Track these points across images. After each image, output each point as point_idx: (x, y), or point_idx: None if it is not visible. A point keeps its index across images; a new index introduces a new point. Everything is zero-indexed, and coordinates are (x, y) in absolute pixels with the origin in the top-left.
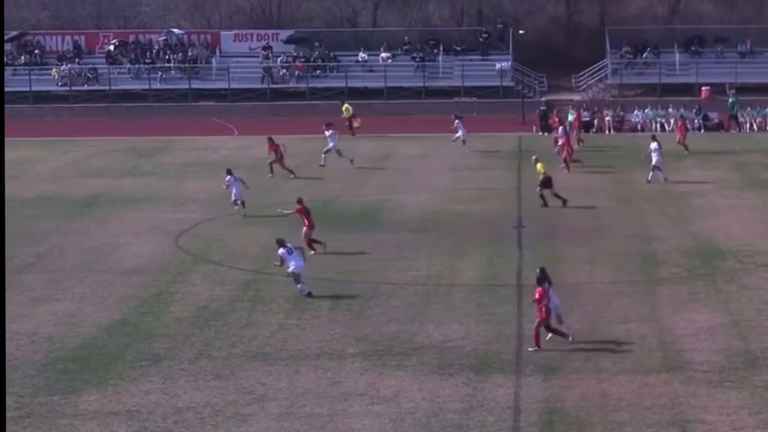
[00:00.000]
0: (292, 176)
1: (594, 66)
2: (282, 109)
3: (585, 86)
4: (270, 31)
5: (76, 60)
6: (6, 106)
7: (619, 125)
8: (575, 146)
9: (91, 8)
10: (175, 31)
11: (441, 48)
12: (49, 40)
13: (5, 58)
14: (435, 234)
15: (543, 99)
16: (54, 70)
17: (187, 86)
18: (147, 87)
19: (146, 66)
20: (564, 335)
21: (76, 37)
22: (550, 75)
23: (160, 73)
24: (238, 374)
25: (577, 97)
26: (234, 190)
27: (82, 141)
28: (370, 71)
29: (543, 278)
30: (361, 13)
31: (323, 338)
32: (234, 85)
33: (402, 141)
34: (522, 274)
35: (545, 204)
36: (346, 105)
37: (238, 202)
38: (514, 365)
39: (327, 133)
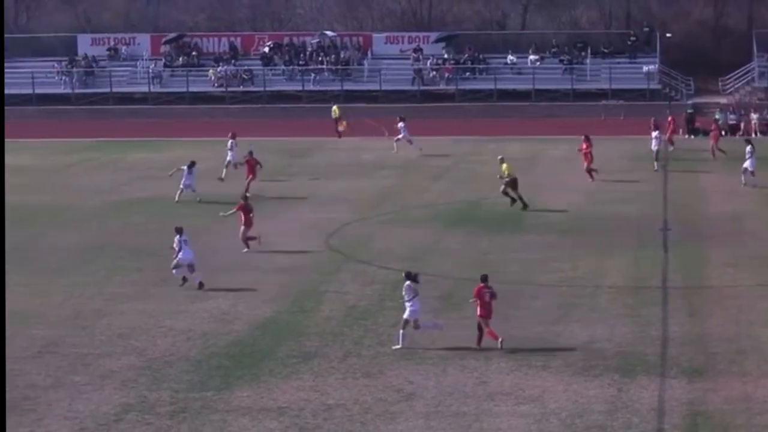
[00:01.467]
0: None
1: (741, 69)
2: (431, 110)
3: (732, 89)
4: (421, 34)
5: (232, 61)
6: (165, 106)
7: (766, 128)
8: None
9: (247, 11)
10: (328, 33)
11: (588, 50)
12: (206, 42)
13: (164, 60)
14: (580, 236)
15: (690, 102)
16: (210, 71)
17: (339, 88)
18: (300, 88)
19: (300, 68)
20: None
21: (232, 39)
22: (696, 78)
23: (313, 74)
24: (386, 372)
25: (723, 100)
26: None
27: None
28: (519, 73)
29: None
30: (510, 16)
31: (470, 338)
32: (385, 87)
33: (549, 143)
34: (668, 277)
35: (514, 201)
36: (335, 107)
37: (185, 190)
38: (659, 367)
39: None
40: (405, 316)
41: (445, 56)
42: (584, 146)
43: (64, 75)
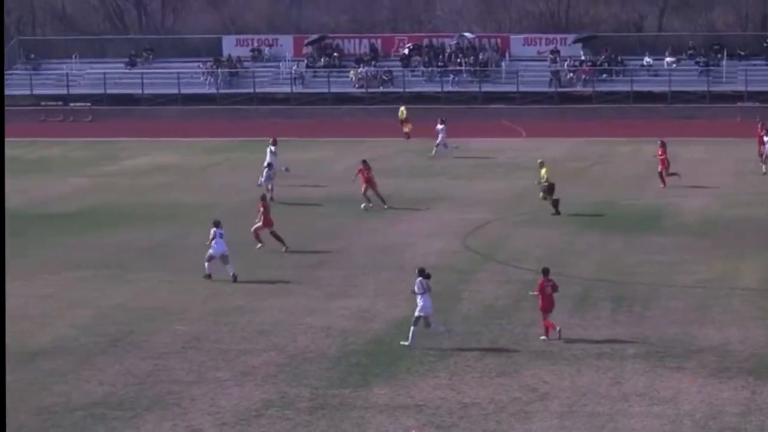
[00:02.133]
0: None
1: None
2: (568, 112)
3: None
4: (558, 35)
5: (373, 62)
6: (306, 107)
7: None
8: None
9: (387, 13)
10: (467, 34)
11: (725, 52)
12: (347, 44)
13: (306, 61)
14: (715, 237)
15: None
16: (351, 72)
17: (477, 89)
18: (439, 89)
19: (438, 69)
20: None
21: (372, 41)
22: None
23: (451, 75)
24: (522, 372)
25: None
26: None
27: (376, 141)
28: (655, 75)
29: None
30: (647, 18)
31: (604, 338)
32: (522, 88)
33: (684, 145)
34: None
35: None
36: (402, 108)
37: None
38: None
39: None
40: (416, 312)
41: (582, 58)
42: (660, 152)
43: (208, 75)
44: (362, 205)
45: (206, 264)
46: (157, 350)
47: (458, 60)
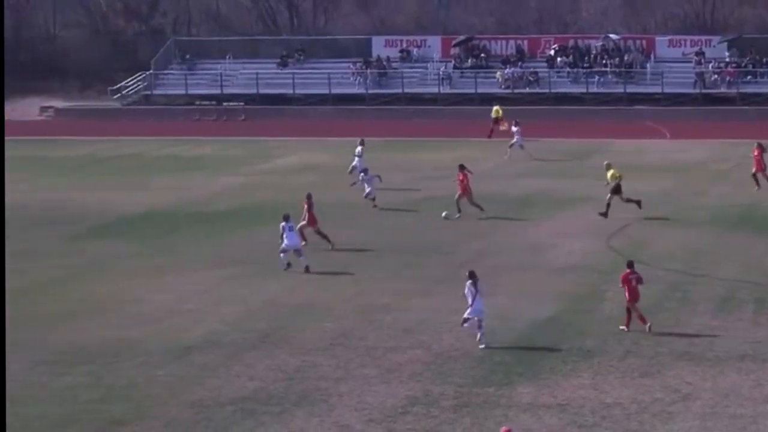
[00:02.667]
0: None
1: None
2: (713, 113)
3: None
4: (703, 37)
5: (519, 63)
6: (454, 107)
7: None
8: None
9: (533, 14)
10: (612, 36)
11: None
12: (494, 45)
13: (454, 62)
14: None
15: None
16: (498, 73)
17: (622, 90)
18: (584, 90)
19: (584, 70)
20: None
21: (519, 42)
22: None
23: (597, 77)
24: (664, 372)
25: None
26: (367, 187)
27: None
28: None
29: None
30: None
31: (747, 340)
32: (667, 90)
33: None
34: None
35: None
36: (497, 107)
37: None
38: None
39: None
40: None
41: (727, 59)
42: (756, 152)
43: (358, 75)
44: (443, 213)
45: (281, 255)
46: (305, 346)
47: (603, 61)
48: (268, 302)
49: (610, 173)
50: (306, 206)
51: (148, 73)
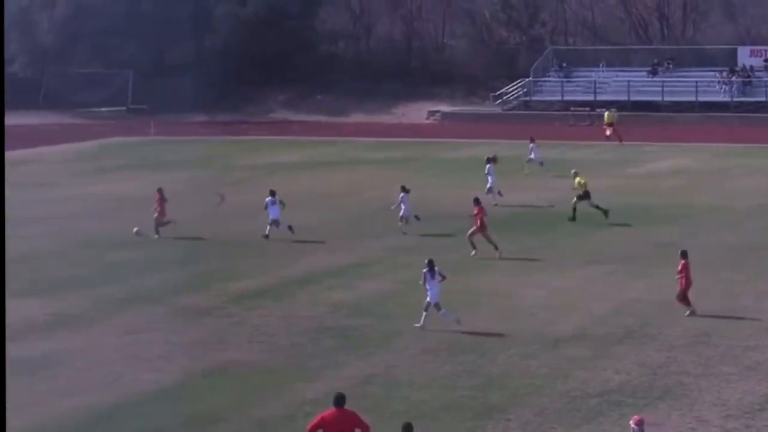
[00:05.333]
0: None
1: None
2: None
3: None
4: None
5: None
6: None
7: None
8: None
9: None
10: None
11: None
12: None
13: None
14: None
15: None
16: None
17: None
18: None
19: None
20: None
21: None
22: None
23: None
24: None
25: None
26: (403, 207)
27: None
28: None
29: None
30: None
31: None
32: None
33: None
34: None
35: (573, 218)
36: (608, 112)
37: (403, 218)
38: None
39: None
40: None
41: None
42: None
43: (724, 84)
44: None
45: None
46: (669, 343)
47: None
48: (634, 300)
49: (577, 179)
50: (476, 212)
51: (527, 80)
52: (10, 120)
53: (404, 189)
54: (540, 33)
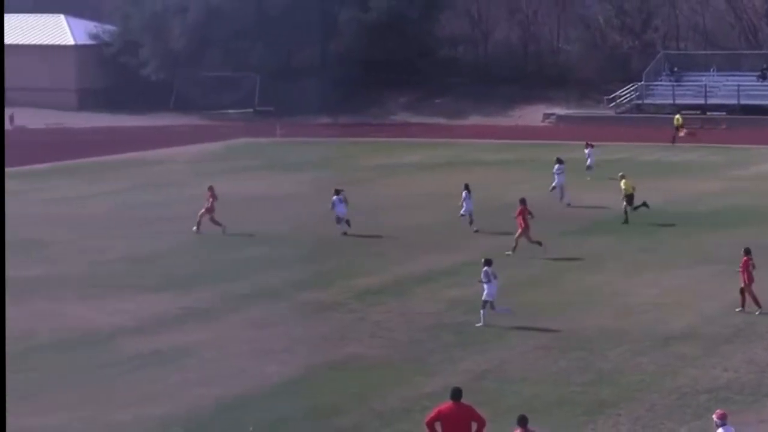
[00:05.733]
0: None
1: None
2: None
3: None
4: None
5: None
6: None
7: None
8: None
9: None
10: None
11: None
12: None
13: None
14: None
15: None
16: None
17: None
18: None
19: None
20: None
21: None
22: None
23: None
24: None
25: None
26: (465, 205)
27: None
28: None
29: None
30: None
31: None
32: None
33: None
34: None
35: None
36: (677, 116)
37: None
38: None
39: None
40: (483, 297)
41: None
42: None
43: None
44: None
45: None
46: None
47: None
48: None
49: (623, 183)
50: (520, 215)
51: (639, 84)
52: (143, 122)
53: (467, 187)
54: (652, 38)
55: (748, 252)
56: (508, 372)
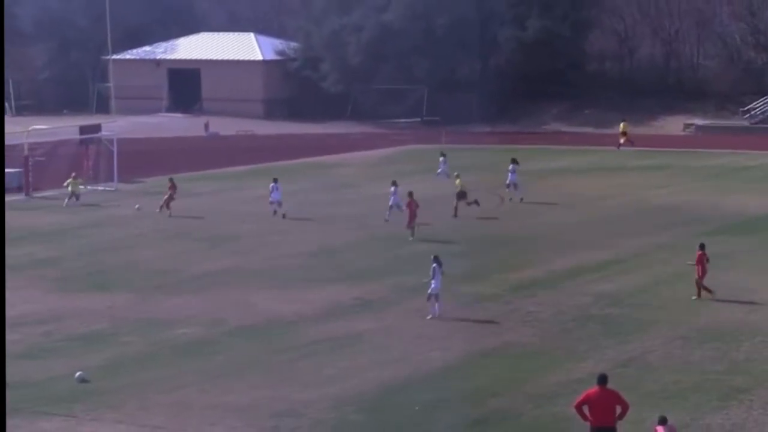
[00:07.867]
0: None
1: None
2: None
3: None
4: None
5: None
6: None
7: None
8: None
9: None
10: None
11: None
12: None
13: None
14: None
15: None
16: None
17: None
18: None
19: None
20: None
21: None
22: None
23: None
24: None
25: None
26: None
27: None
28: None
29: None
30: None
31: None
32: None
33: None
34: None
35: (455, 215)
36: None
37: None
38: None
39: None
40: (428, 291)
41: None
42: None
43: None
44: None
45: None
46: None
47: None
48: None
49: (457, 181)
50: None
51: None
52: (322, 129)
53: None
54: None
55: (702, 247)
56: (649, 360)
